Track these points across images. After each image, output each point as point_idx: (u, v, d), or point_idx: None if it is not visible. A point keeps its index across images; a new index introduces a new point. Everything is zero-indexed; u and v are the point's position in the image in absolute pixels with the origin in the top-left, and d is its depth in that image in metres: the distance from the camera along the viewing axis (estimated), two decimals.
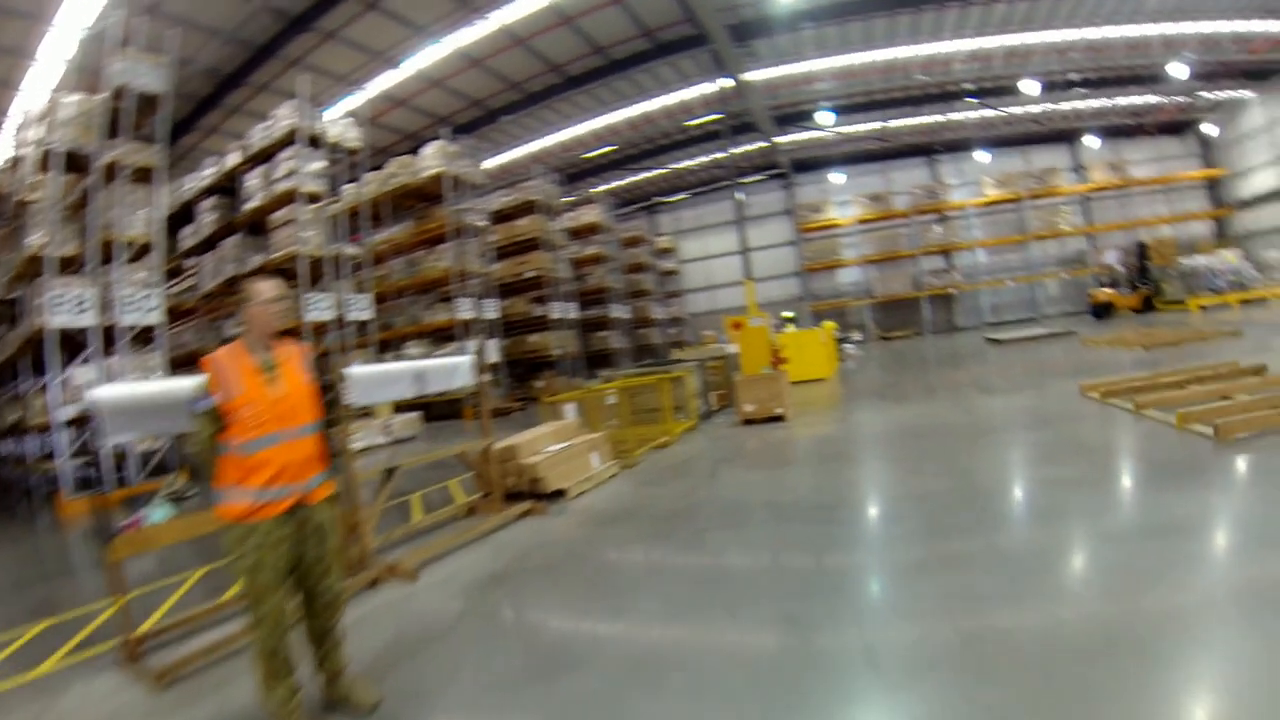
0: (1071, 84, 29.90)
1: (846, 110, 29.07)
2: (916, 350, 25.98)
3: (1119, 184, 38.26)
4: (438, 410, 19.80)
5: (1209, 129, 37.73)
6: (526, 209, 25.76)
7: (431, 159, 20.67)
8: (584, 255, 30.26)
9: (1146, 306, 28.38)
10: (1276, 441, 6.08)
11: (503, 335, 23.71)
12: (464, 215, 21.10)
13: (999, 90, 29.93)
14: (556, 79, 23.38)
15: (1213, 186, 40.04)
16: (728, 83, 23.45)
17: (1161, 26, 25.49)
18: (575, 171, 33.15)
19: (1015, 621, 3.62)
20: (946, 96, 30.37)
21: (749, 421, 11.64)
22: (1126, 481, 6.14)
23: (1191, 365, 10.11)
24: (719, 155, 32.94)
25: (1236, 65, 29.84)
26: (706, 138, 30.71)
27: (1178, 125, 38.88)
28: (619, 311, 30.91)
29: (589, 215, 30.88)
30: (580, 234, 30.72)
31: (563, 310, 25.78)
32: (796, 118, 30.17)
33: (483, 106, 24.56)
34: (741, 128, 28.84)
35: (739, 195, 25.39)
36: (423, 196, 21.45)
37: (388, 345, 21.92)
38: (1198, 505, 5.00)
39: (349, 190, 18.81)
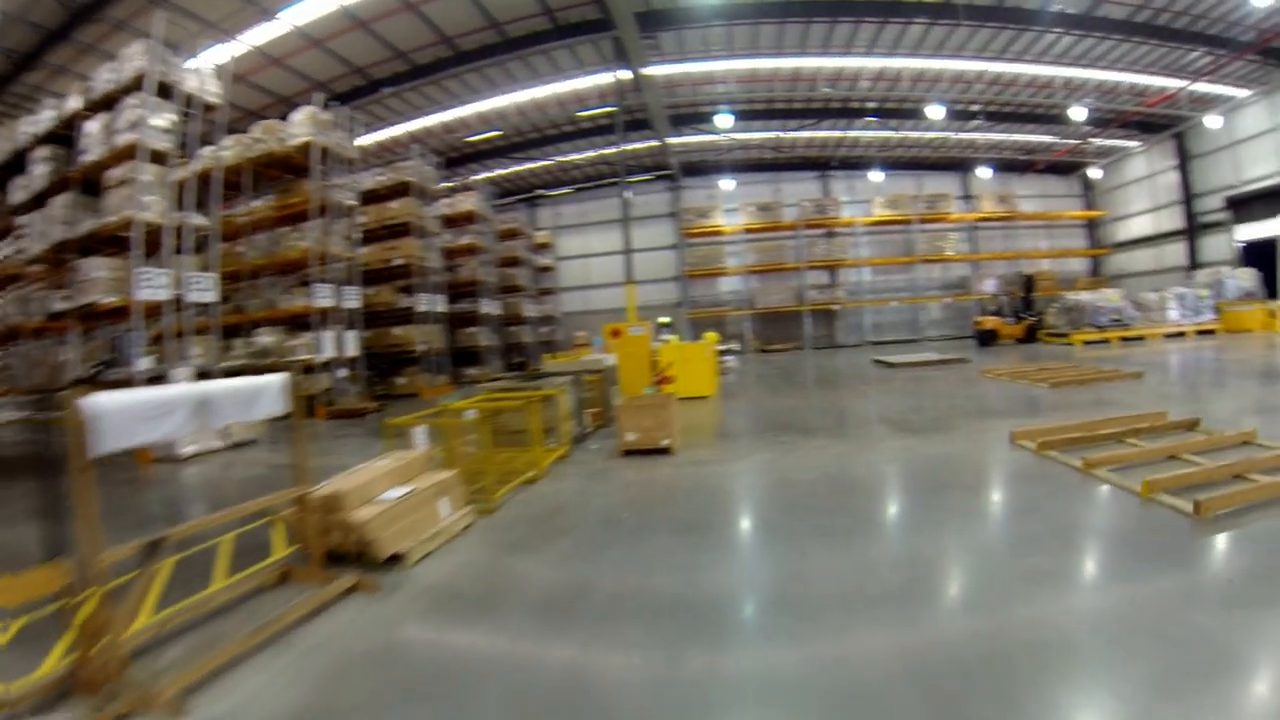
0: (972, 115, 31.56)
1: (745, 116, 29.65)
2: (799, 366, 26.37)
3: (1006, 216, 40.74)
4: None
5: (1094, 173, 40.98)
6: (400, 190, 24.62)
7: (301, 126, 19.24)
8: (457, 245, 29.29)
9: (1029, 336, 29.78)
10: (1258, 519, 5.75)
11: (364, 326, 22.48)
12: (331, 192, 19.79)
13: (902, 112, 31.26)
14: (447, 52, 22.49)
15: (1091, 227, 43.80)
16: (626, 75, 23.18)
17: (1067, 70, 27.28)
18: (456, 156, 32.32)
19: None
20: (848, 113, 31.27)
21: (631, 452, 10.19)
22: (1136, 589, 4.69)
23: (1121, 415, 9.81)
24: (608, 151, 32.80)
25: (1129, 115, 32.35)
26: (597, 131, 30.57)
27: (1065, 166, 42.13)
28: (490, 307, 29.87)
29: (466, 203, 29.92)
30: (455, 222, 29.78)
31: (430, 302, 24.80)
32: (693, 119, 30.43)
33: (364, 75, 23.39)
34: (635, 124, 28.75)
35: (627, 194, 24.82)
36: (288, 167, 19.88)
37: (236, 330, 20.29)
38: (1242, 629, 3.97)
39: (206, 153, 17.12)
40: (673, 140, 32.32)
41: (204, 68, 15.89)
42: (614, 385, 14.43)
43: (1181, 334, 27.18)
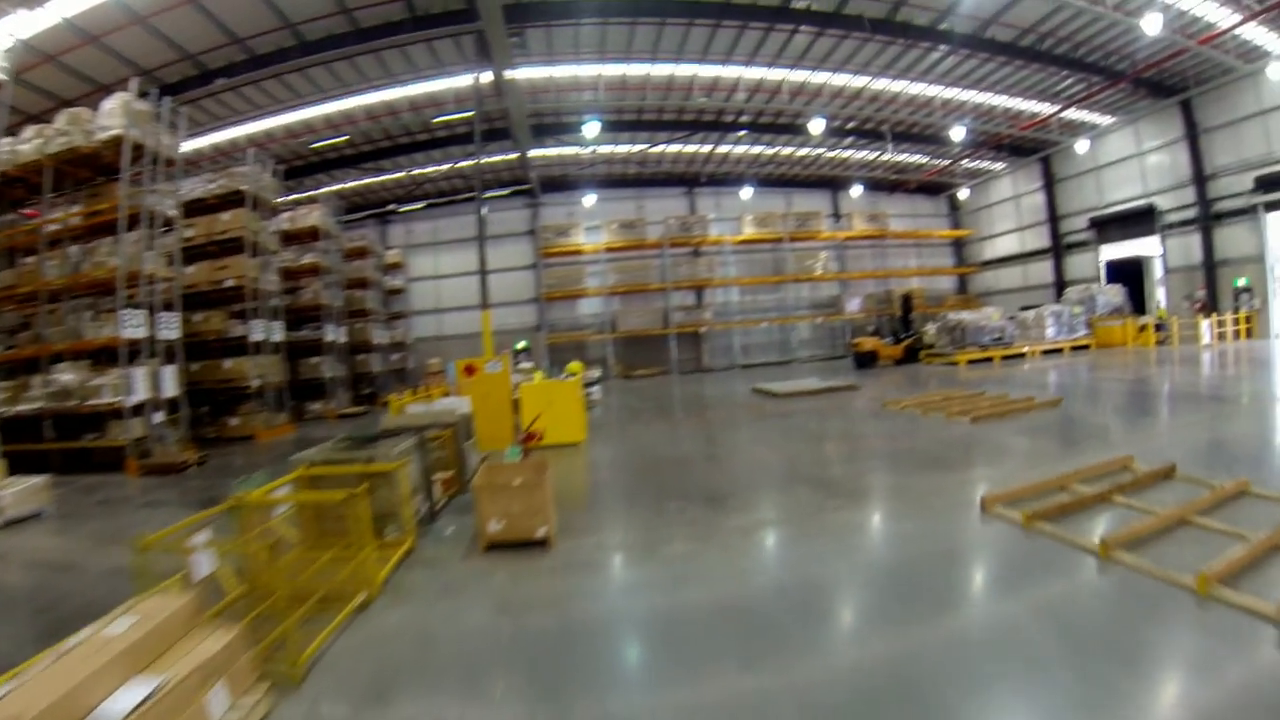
0: (850, 132, 32.04)
1: (613, 127, 28.51)
2: (671, 396, 25.27)
3: (876, 234, 41.41)
4: (89, 460, 15.97)
5: (962, 193, 42.95)
6: (234, 200, 21.94)
7: (112, 118, 16.48)
8: (299, 265, 26.85)
9: (910, 357, 29.97)
10: None
11: (190, 358, 20.02)
12: (149, 198, 17.09)
13: (778, 127, 31.05)
14: (290, 40, 20.14)
15: (958, 246, 45.77)
16: (488, 78, 21.72)
17: (948, 90, 28.17)
18: (300, 164, 29.72)
19: None
20: (721, 126, 30.74)
21: (494, 546, 7.47)
22: None
23: (1079, 460, 9.14)
24: (464, 164, 31.12)
25: (1002, 138, 33.67)
26: (453, 141, 28.81)
27: (934, 186, 43.73)
28: (335, 334, 27.60)
29: (310, 217, 27.48)
30: (297, 239, 27.37)
31: (267, 330, 22.38)
32: (556, 129, 29.31)
33: (197, 63, 20.55)
34: (494, 134, 27.38)
35: (483, 210, 23.38)
36: (98, 167, 17.12)
37: (27, 367, 17.16)
38: None
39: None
40: (534, 153, 31.03)
41: None
42: (469, 439, 11.56)
43: (1059, 350, 28.50)
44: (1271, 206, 26.55)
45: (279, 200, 25.21)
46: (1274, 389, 15.84)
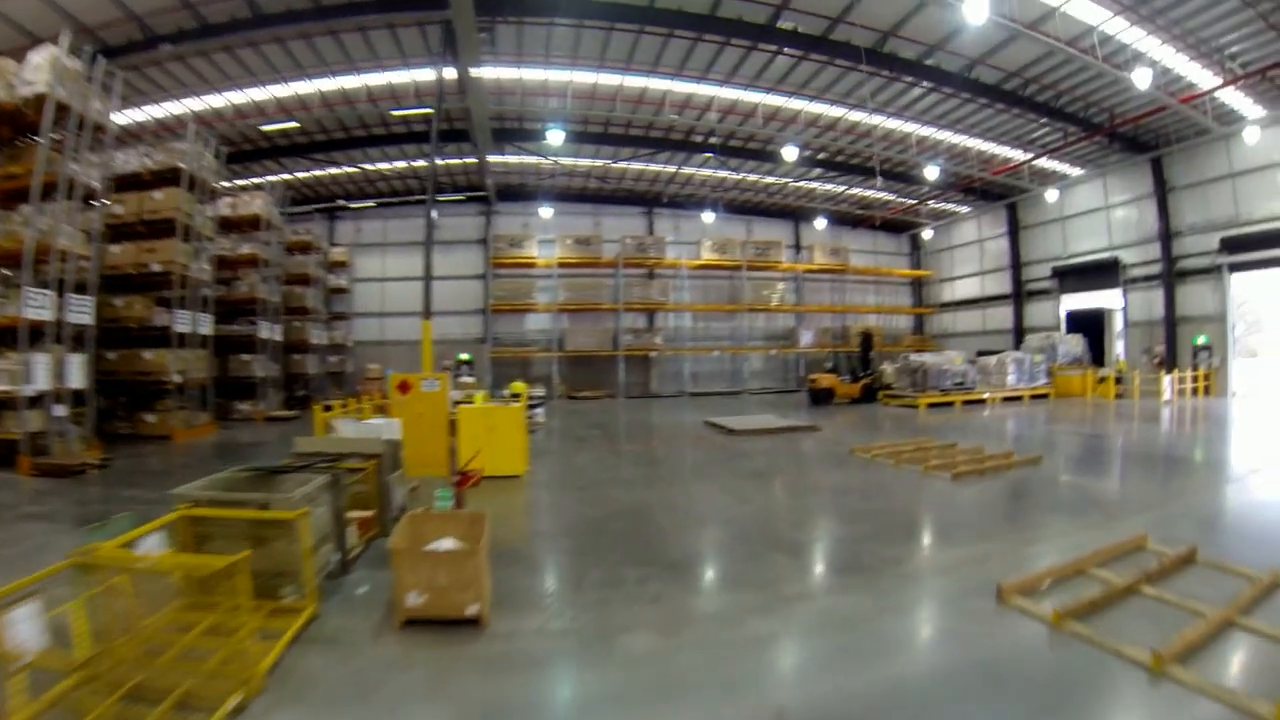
0: (820, 162, 31.48)
1: (577, 138, 27.37)
2: (618, 423, 23.92)
3: (837, 269, 40.75)
4: None
5: (926, 233, 42.69)
6: (170, 178, 20.16)
7: (38, 73, 14.73)
8: (237, 254, 25.14)
9: (867, 396, 29.04)
10: None
11: (105, 346, 18.32)
12: (70, 167, 15.28)
13: (746, 151, 30.18)
14: (245, 11, 18.39)
15: (917, 285, 45.69)
16: (452, 73, 20.47)
17: (925, 128, 27.73)
18: (248, 149, 27.94)
19: None
20: (688, 146, 29.66)
21: (412, 622, 5.85)
22: None
23: (1091, 536, 8.08)
24: (420, 164, 29.61)
25: (972, 181, 33.43)
26: (410, 139, 27.24)
27: (897, 224, 43.41)
28: (269, 331, 25.91)
29: (253, 205, 25.73)
30: (237, 227, 25.66)
31: (194, 321, 20.71)
32: (518, 135, 28.04)
33: (143, 26, 18.60)
34: (453, 135, 26.24)
35: (433, 214, 22.03)
36: (19, 125, 15.31)
37: None
38: None
39: None
40: (493, 158, 29.78)
41: None
42: (396, 471, 9.59)
43: (1019, 398, 28.14)
44: (1235, 268, 26.80)
45: (220, 184, 23.57)
46: (1257, 453, 15.03)
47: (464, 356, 33.23)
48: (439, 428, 13.00)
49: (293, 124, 25.59)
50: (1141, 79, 19.93)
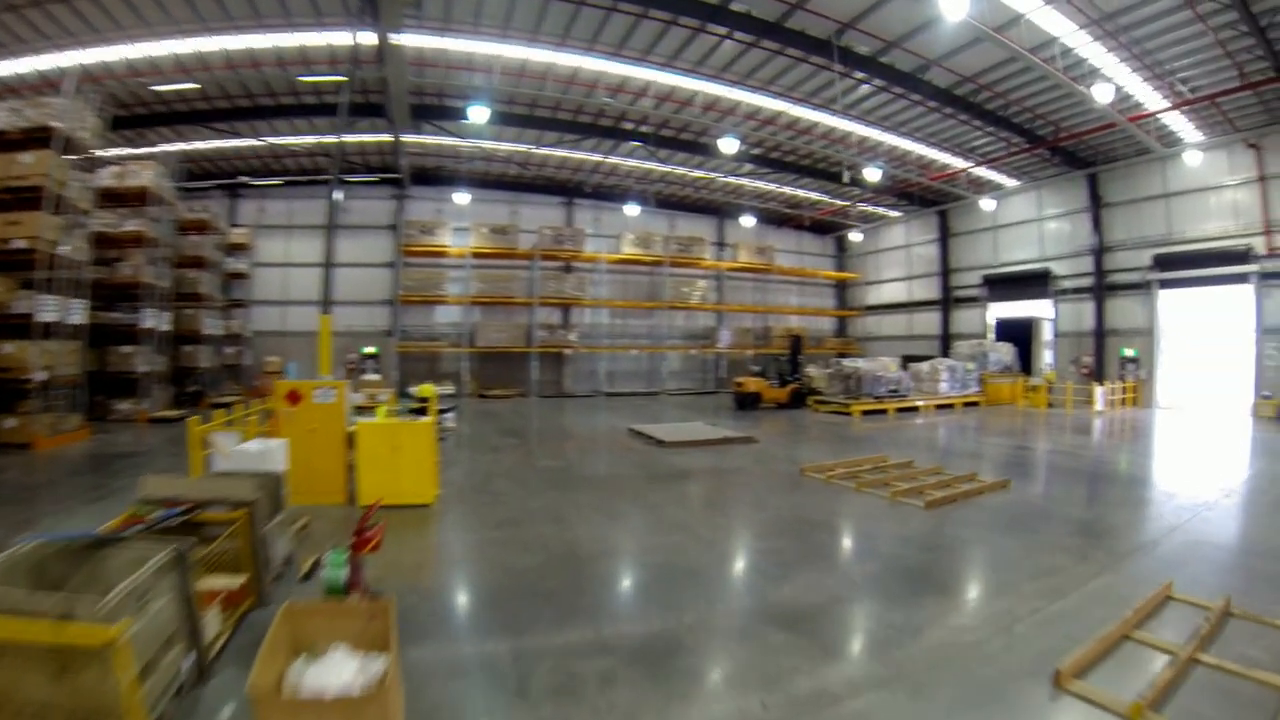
0: (754, 158, 30.15)
1: (501, 120, 25.19)
2: (535, 430, 21.93)
3: (762, 268, 39.92)
4: None
5: (855, 236, 42.54)
6: (39, 139, 17.29)
7: None
8: (119, 232, 22.31)
9: (795, 402, 28.06)
10: None
11: None
12: None
13: (679, 143, 28.85)
14: None
15: (841, 288, 45.67)
16: (371, 38, 18.29)
17: (868, 129, 26.79)
18: (140, 113, 24.70)
19: None
20: (618, 133, 27.86)
21: None
22: None
23: (1105, 582, 7.32)
24: (329, 140, 27.15)
25: (909, 185, 33.30)
26: (321, 111, 24.63)
27: (824, 225, 42.84)
28: (155, 320, 23.19)
29: (141, 177, 22.87)
30: (122, 200, 22.75)
31: (62, 308, 18.00)
32: (437, 113, 25.61)
33: None
34: (367, 109, 23.88)
35: (337, 195, 19.94)
36: None
37: None
38: None
39: None
40: (409, 138, 27.59)
41: None
42: (280, 514, 7.37)
43: (951, 405, 27.92)
44: (1165, 284, 27.62)
45: (105, 150, 20.81)
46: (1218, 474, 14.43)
47: (369, 350, 31.03)
48: (335, 446, 10.93)
49: (191, 85, 22.60)
50: (1102, 94, 20.04)
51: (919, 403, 26.87)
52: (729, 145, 24.50)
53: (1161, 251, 27.66)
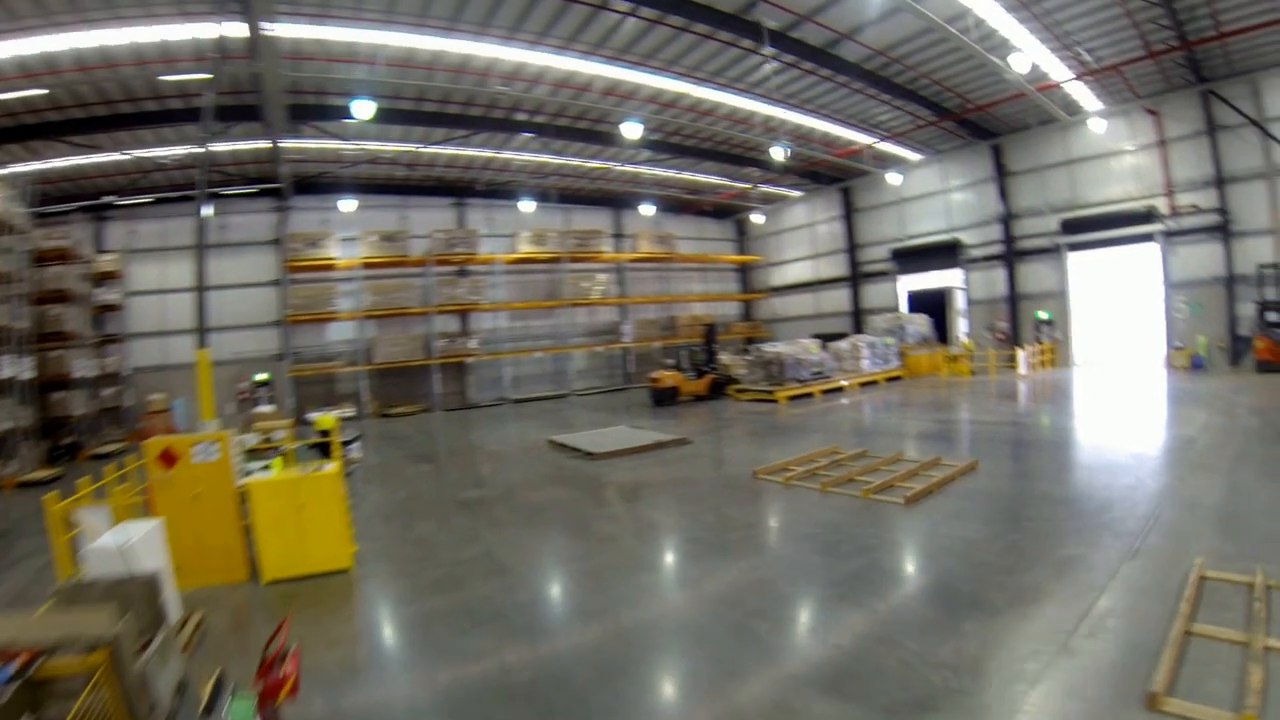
0: (654, 144, 29.03)
1: (384, 116, 22.86)
2: (444, 446, 20.41)
3: (663, 257, 39.05)
4: None
5: (756, 218, 41.53)
6: None
7: None
8: None
9: (714, 392, 27.11)
10: None
11: None
12: None
13: (575, 132, 27.40)
14: None
15: (744, 271, 45.35)
16: (241, 29, 16.24)
17: (772, 107, 25.61)
18: None
19: None
20: (509, 125, 25.98)
21: None
22: None
23: (1148, 578, 6.80)
24: (199, 150, 24.50)
25: (812, 164, 32.90)
26: (190, 116, 21.89)
27: (724, 209, 42.29)
28: (15, 368, 20.30)
29: None
30: None
31: None
32: (318, 113, 23.29)
33: None
34: (240, 112, 21.47)
35: (206, 210, 17.88)
36: None
37: None
38: None
39: None
40: (289, 143, 25.14)
41: None
42: (160, 637, 4.62)
43: (875, 382, 27.57)
44: (1074, 247, 28.45)
45: None
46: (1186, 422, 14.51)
47: (262, 377, 28.67)
48: (225, 512, 8.92)
49: (38, 91, 19.81)
50: (1020, 64, 19.98)
51: (843, 382, 26.31)
52: (631, 130, 23.03)
53: (1068, 216, 28.41)
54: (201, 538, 8.70)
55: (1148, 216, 25.94)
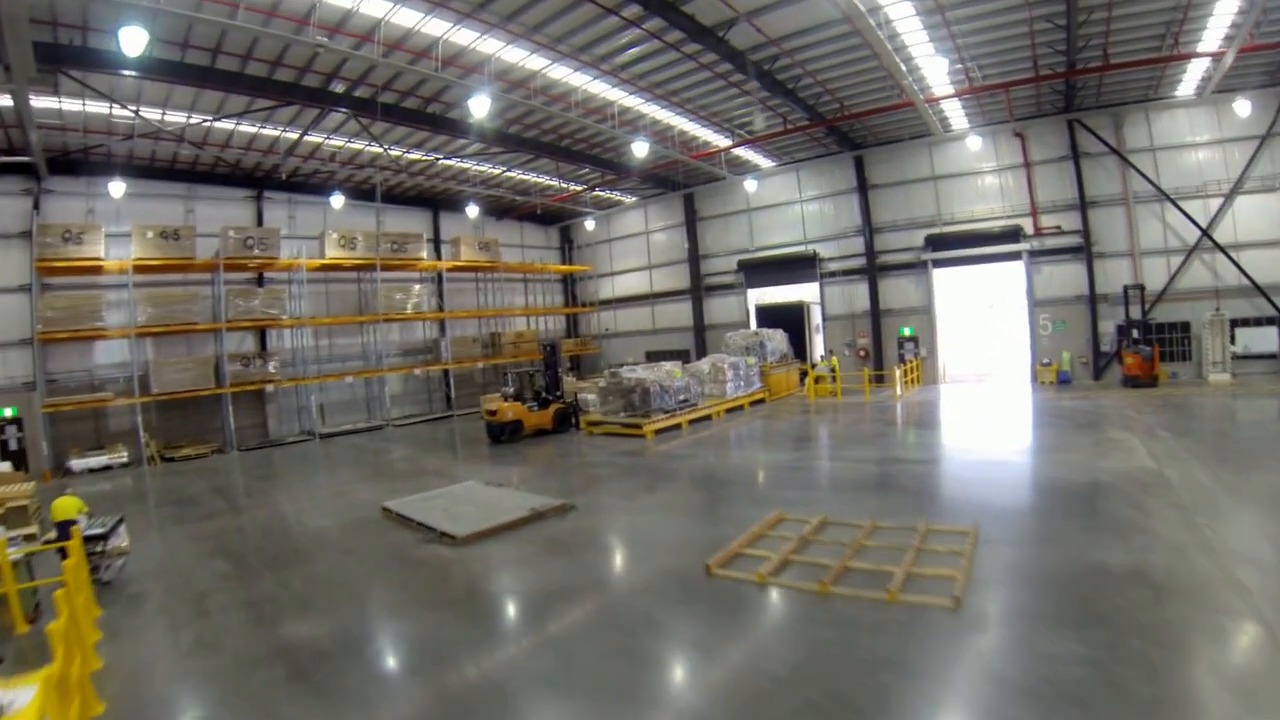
0: (496, 132, 25.20)
1: (169, 70, 17.62)
2: (241, 519, 14.40)
3: (487, 266, 34.78)
4: None
5: (589, 224, 39.39)
6: None
7: None
8: None
9: (561, 424, 23.32)
10: None
11: None
12: None
13: (402, 112, 22.87)
14: None
15: (569, 282, 42.36)
16: None
17: (633, 98, 23.34)
18: None
19: None
20: (322, 98, 21.20)
21: None
22: None
23: None
24: None
25: (667, 165, 30.08)
26: None
27: (548, 215, 39.20)
28: None
29: None
30: None
31: None
32: (79, 56, 16.76)
33: None
34: None
35: None
36: None
37: None
38: None
39: None
40: (41, 102, 18.95)
41: None
42: None
43: (740, 407, 25.09)
44: (938, 264, 28.46)
45: None
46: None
47: (6, 413, 21.77)
48: None
49: None
50: (936, 69, 20.34)
51: (708, 410, 23.33)
52: (480, 105, 19.26)
53: (933, 232, 28.44)
54: None
55: (1013, 235, 26.58)
